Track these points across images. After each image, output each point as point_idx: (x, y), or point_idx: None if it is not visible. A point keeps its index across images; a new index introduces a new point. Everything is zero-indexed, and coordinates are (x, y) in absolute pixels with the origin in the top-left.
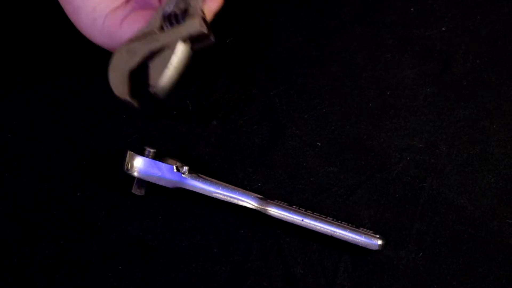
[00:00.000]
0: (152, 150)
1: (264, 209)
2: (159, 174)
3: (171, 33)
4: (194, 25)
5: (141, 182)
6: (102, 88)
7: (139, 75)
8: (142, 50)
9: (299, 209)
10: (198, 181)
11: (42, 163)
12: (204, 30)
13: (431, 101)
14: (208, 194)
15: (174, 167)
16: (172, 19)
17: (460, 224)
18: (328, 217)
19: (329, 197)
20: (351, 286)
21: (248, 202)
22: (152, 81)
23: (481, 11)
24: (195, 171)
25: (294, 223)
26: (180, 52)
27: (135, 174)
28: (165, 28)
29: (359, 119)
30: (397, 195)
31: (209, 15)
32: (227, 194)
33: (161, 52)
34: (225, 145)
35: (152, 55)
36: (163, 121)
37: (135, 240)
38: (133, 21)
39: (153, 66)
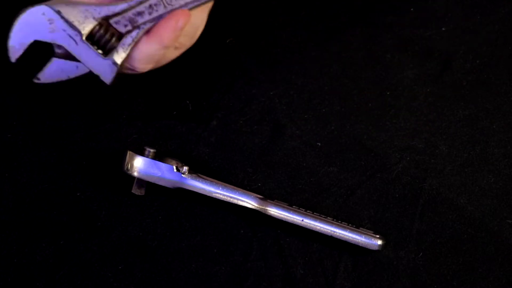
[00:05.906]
0: (152, 150)
1: (264, 209)
2: (159, 174)
3: None
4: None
5: (141, 182)
6: (103, 88)
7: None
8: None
9: (299, 209)
10: (198, 181)
11: (42, 163)
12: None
13: (431, 101)
14: (208, 194)
15: (174, 167)
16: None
17: (460, 224)
18: (328, 217)
19: (329, 197)
20: (351, 286)
21: (248, 202)
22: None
23: (481, 11)
24: (195, 171)
25: (294, 223)
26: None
27: (135, 174)
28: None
29: (359, 119)
30: (397, 195)
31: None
32: (227, 194)
33: None
34: (225, 145)
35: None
36: (163, 121)
37: (135, 240)
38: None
39: None
